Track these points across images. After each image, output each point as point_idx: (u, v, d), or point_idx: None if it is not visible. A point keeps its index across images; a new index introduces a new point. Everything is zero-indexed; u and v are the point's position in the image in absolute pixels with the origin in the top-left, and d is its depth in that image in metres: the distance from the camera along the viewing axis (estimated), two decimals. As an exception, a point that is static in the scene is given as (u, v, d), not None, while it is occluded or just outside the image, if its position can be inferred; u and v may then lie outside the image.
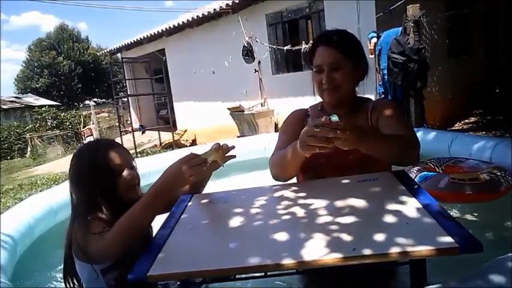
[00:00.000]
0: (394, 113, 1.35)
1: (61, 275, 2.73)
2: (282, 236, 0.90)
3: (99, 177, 1.21)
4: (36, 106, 20.37)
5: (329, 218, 0.95)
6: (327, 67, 1.30)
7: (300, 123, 1.43)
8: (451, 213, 0.91)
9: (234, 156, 1.26)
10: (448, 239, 0.78)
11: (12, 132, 15.12)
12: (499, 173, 2.56)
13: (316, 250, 0.81)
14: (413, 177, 2.38)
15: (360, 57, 1.36)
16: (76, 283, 1.26)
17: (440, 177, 2.51)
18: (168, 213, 1.17)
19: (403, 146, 1.18)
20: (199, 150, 1.22)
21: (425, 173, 2.71)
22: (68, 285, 1.27)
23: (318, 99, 1.46)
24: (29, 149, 13.64)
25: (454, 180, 2.46)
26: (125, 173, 1.25)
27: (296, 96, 6.43)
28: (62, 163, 8.81)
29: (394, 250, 0.77)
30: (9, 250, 2.56)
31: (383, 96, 5.16)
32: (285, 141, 1.35)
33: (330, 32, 1.47)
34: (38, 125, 16.39)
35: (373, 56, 5.25)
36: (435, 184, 2.46)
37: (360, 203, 1.03)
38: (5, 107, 20.54)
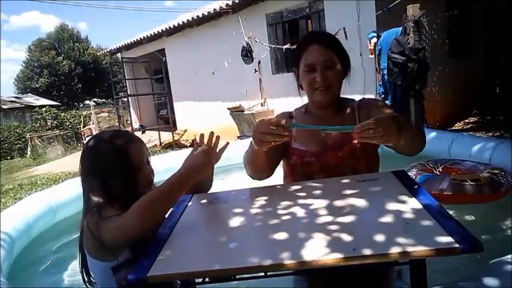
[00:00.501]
0: (385, 107, 1.35)
1: (59, 273, 2.75)
2: (282, 236, 0.90)
3: (120, 169, 1.15)
4: (36, 106, 20.36)
5: (329, 218, 0.95)
6: (319, 66, 1.28)
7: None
8: (451, 214, 0.91)
9: (218, 137, 1.22)
10: (448, 239, 0.78)
11: (12, 132, 15.11)
12: (499, 174, 2.56)
13: (316, 250, 0.81)
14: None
15: (345, 56, 1.36)
16: (92, 280, 1.22)
17: (441, 179, 2.51)
18: (168, 213, 1.17)
19: (421, 136, 1.21)
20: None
21: (426, 174, 2.70)
22: (85, 282, 1.22)
23: (304, 100, 1.45)
24: (29, 149, 13.64)
25: (455, 181, 2.46)
26: (144, 168, 1.21)
27: (296, 96, 6.41)
28: (62, 163, 8.82)
29: (394, 250, 0.77)
30: (7, 248, 2.56)
31: (383, 96, 5.17)
32: None
33: (318, 32, 1.48)
34: (38, 125, 16.38)
35: (373, 56, 5.26)
36: (436, 185, 2.46)
37: (360, 203, 1.03)
38: (5, 107, 20.54)
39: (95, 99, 29.58)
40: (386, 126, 0.99)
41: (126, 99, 11.72)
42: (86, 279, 1.21)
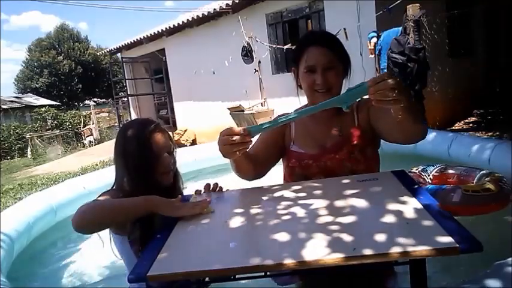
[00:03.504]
0: None
1: (60, 273, 2.75)
2: (282, 236, 0.89)
3: (139, 155, 1.25)
4: (36, 106, 20.36)
5: (329, 218, 0.95)
6: (320, 68, 1.27)
7: (282, 126, 1.40)
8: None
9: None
10: (448, 239, 0.78)
11: (12, 132, 15.10)
12: (503, 180, 2.53)
13: (317, 250, 0.81)
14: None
15: (346, 58, 1.34)
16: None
17: (452, 191, 2.42)
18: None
19: (420, 115, 1.15)
20: (200, 150, 1.23)
21: (434, 185, 2.63)
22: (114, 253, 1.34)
23: (301, 100, 1.45)
24: (29, 149, 13.64)
25: (467, 192, 2.38)
26: (163, 157, 1.30)
27: (296, 96, 6.43)
28: (62, 163, 8.82)
29: (394, 250, 0.77)
30: (6, 248, 2.56)
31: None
32: (259, 142, 1.37)
33: (318, 32, 1.46)
34: (38, 125, 16.39)
35: (373, 56, 5.25)
36: (449, 198, 2.36)
37: (360, 203, 1.03)
38: (5, 107, 20.53)
39: (95, 99, 29.57)
40: (399, 83, 0.93)
41: (126, 99, 11.75)
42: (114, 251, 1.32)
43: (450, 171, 2.85)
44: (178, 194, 1.37)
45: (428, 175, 2.83)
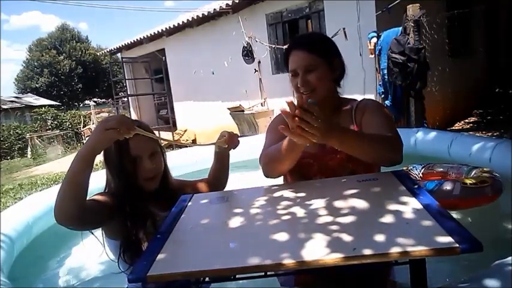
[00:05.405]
0: (378, 112, 1.33)
1: (60, 273, 2.75)
2: (282, 236, 0.90)
3: (118, 157, 1.23)
4: (36, 106, 20.36)
5: (329, 218, 0.95)
6: (301, 71, 1.30)
7: (286, 123, 1.42)
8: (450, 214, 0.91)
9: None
10: (448, 239, 0.78)
11: (12, 132, 15.10)
12: (494, 173, 2.58)
13: (316, 250, 0.81)
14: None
15: (333, 57, 1.34)
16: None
17: (451, 185, 2.45)
18: (168, 213, 1.17)
19: (384, 145, 1.14)
20: (200, 151, 1.23)
21: (435, 181, 2.65)
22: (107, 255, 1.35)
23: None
24: (29, 149, 13.64)
25: (465, 185, 2.42)
26: (145, 161, 1.27)
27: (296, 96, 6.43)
28: (62, 163, 8.82)
29: (394, 250, 0.77)
30: (7, 249, 2.55)
31: (383, 96, 5.17)
32: (273, 139, 1.35)
33: (301, 36, 1.49)
34: (38, 125, 16.38)
35: (373, 56, 5.25)
36: (449, 192, 2.39)
37: (360, 203, 1.02)
38: (5, 107, 20.53)
39: (95, 99, 29.57)
40: (323, 121, 0.94)
41: (126, 99, 11.75)
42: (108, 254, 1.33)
43: (437, 169, 2.91)
44: (170, 197, 1.34)
45: (418, 173, 2.87)
